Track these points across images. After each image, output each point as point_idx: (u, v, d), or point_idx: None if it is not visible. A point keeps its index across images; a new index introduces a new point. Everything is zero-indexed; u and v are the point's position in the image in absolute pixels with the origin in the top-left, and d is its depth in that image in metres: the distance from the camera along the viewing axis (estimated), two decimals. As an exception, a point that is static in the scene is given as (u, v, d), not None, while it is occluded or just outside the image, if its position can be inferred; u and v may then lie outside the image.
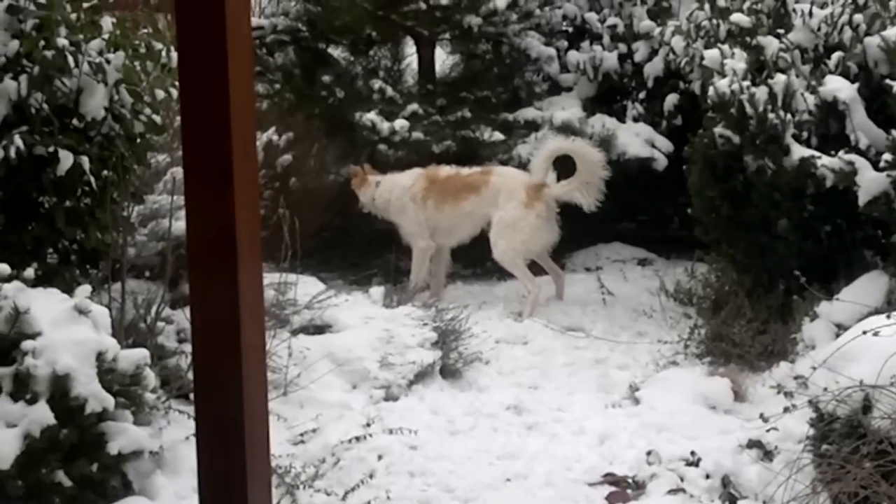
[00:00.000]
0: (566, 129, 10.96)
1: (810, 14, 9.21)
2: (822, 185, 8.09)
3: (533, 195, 9.90)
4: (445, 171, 10.27)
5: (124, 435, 5.28)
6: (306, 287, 8.37)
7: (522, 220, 9.85)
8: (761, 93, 8.37)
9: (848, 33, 8.95)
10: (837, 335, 7.08)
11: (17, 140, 6.08)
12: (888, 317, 5.92)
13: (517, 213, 9.86)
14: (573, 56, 11.71)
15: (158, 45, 7.07)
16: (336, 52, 12.31)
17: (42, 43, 6.31)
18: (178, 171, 7.47)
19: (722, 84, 8.65)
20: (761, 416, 6.53)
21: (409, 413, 7.32)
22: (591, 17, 11.87)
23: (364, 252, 10.86)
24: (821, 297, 7.60)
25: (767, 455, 6.47)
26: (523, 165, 10.78)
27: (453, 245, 10.36)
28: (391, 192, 10.29)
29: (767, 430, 6.50)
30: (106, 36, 6.70)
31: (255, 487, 3.29)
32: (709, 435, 6.89)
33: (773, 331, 8.19)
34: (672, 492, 6.40)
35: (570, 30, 12.08)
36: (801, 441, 6.21)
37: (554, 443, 7.03)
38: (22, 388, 5.09)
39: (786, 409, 6.41)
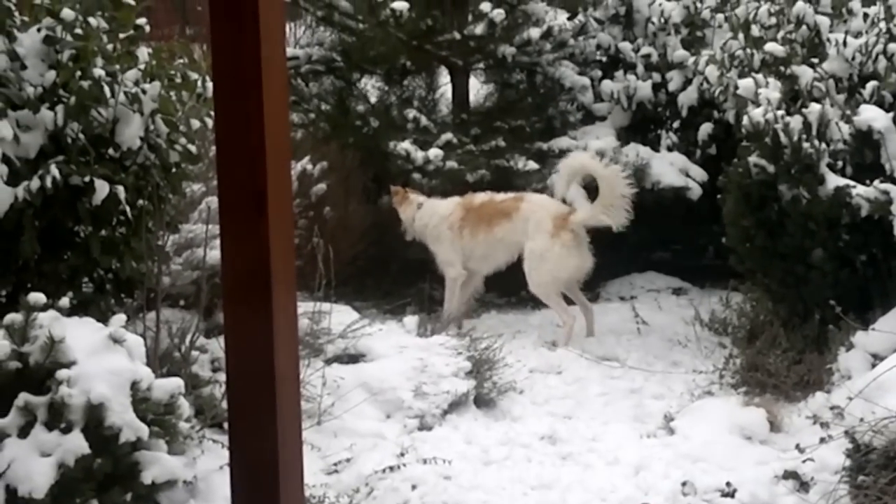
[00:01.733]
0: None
1: (844, 44, 9.21)
2: (858, 214, 8.06)
3: (560, 224, 9.89)
4: (480, 197, 10.31)
5: (158, 464, 5.28)
6: (340, 316, 8.38)
7: (549, 250, 9.84)
8: (796, 122, 8.35)
9: (882, 63, 8.94)
10: (873, 365, 7.05)
11: (54, 170, 6.11)
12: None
13: (544, 243, 9.86)
14: (607, 85, 11.71)
15: (194, 76, 7.11)
16: (370, 81, 12.36)
17: (78, 73, 6.35)
18: (213, 201, 7.50)
19: (756, 113, 8.63)
20: (797, 446, 6.51)
21: (443, 443, 7.31)
22: (625, 46, 11.87)
23: (398, 281, 10.88)
24: (856, 327, 7.57)
25: (803, 486, 6.44)
26: (558, 195, 10.82)
27: (489, 271, 10.34)
28: (430, 218, 10.29)
29: (803, 461, 6.48)
30: (142, 66, 6.74)
31: (289, 517, 3.28)
32: (744, 465, 6.85)
33: (808, 361, 8.15)
34: (707, 523, 6.38)
35: (604, 59, 12.09)
36: (838, 472, 6.18)
37: (588, 473, 7.00)
38: (57, 418, 5.10)
39: (822, 440, 6.40)
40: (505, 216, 10.09)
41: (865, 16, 9.73)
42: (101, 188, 6.26)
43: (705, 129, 11.20)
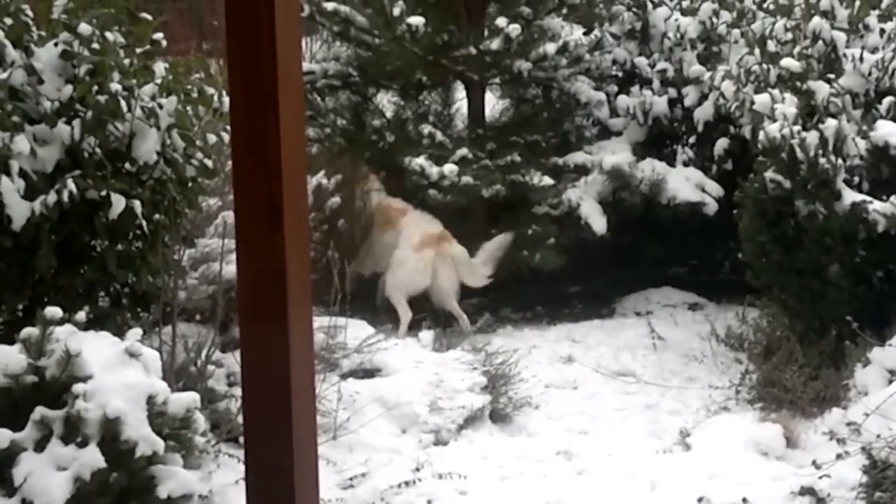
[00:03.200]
0: (616, 174, 10.95)
1: (861, 59, 9.19)
2: (874, 230, 8.05)
3: (426, 242, 10.42)
4: (386, 201, 10.92)
5: (174, 479, 5.29)
6: (356, 331, 8.38)
7: (409, 261, 10.40)
8: (812, 137, 8.34)
9: (899, 78, 8.93)
10: (890, 381, 7.03)
11: (71, 184, 6.13)
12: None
13: (406, 254, 10.43)
14: (623, 100, 11.68)
15: (210, 90, 7.13)
16: (386, 96, 12.36)
17: (95, 88, 6.38)
18: (229, 215, 7.52)
19: (772, 129, 8.62)
20: (814, 462, 6.49)
21: (459, 458, 7.29)
22: (641, 61, 11.85)
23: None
24: (873, 343, 7.54)
25: (820, 502, 6.42)
26: (574, 209, 10.81)
27: (370, 272, 10.72)
28: None
29: (820, 478, 6.45)
30: (158, 81, 6.77)
31: (305, 532, 3.28)
32: (761, 481, 6.83)
33: (825, 377, 8.13)
34: (724, 539, 6.36)
35: (620, 74, 12.05)
36: (854, 488, 6.17)
37: (604, 489, 6.98)
38: (73, 432, 5.11)
39: (838, 456, 6.37)
40: (390, 224, 10.61)
41: (882, 31, 9.71)
42: (118, 202, 6.28)
43: (721, 144, 11.16)
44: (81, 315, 5.59)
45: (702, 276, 11.79)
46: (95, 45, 6.48)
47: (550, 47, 11.42)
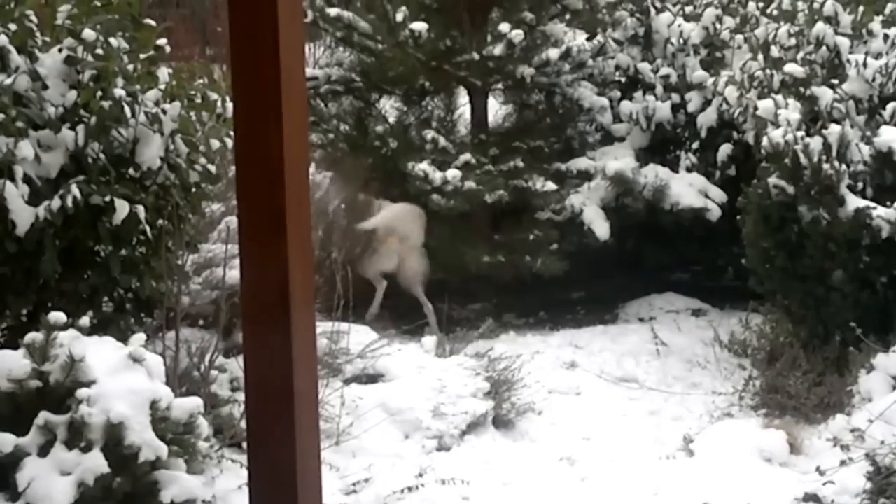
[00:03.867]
0: (619, 179, 10.96)
1: (865, 65, 9.20)
2: (878, 235, 8.05)
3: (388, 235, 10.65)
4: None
5: (177, 484, 5.28)
6: (359, 336, 8.38)
7: (379, 246, 10.66)
8: (816, 143, 8.34)
9: (903, 84, 8.93)
10: (894, 387, 7.02)
11: (75, 189, 6.13)
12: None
13: (377, 239, 10.68)
14: (626, 106, 11.69)
15: (214, 96, 7.14)
16: (389, 102, 12.37)
17: (99, 94, 6.38)
18: (233, 221, 7.52)
19: (776, 134, 8.62)
20: (817, 469, 6.48)
21: (462, 463, 7.29)
22: (644, 67, 11.86)
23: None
24: (877, 349, 7.54)
25: (824, 509, 6.41)
26: (577, 215, 10.83)
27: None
28: None
29: (824, 484, 6.45)
30: (162, 86, 6.77)
31: (308, 537, 3.28)
32: (764, 488, 6.82)
33: (828, 383, 8.12)
34: (727, 545, 6.35)
35: (623, 80, 12.07)
36: (858, 495, 6.16)
37: (607, 495, 6.97)
38: (76, 437, 5.11)
39: (842, 463, 6.37)
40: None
41: (886, 37, 9.71)
42: (122, 208, 6.28)
43: (724, 149, 11.17)
44: (85, 320, 5.60)
45: (705, 281, 11.80)
46: (99, 51, 6.48)
47: (553, 53, 11.44)
